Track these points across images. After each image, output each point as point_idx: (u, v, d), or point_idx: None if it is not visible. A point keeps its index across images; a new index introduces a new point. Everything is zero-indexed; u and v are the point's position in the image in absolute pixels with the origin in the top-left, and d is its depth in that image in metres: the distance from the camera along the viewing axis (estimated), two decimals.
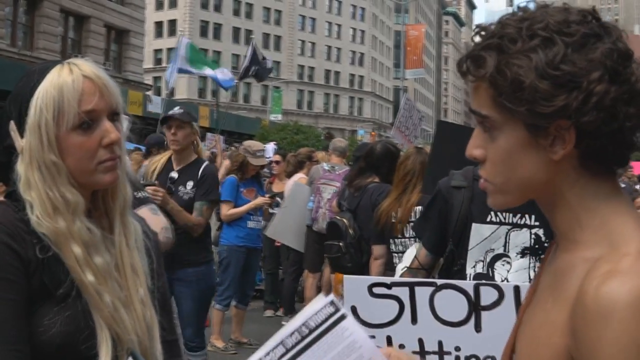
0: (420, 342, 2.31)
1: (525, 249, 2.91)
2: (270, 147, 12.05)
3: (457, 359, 2.31)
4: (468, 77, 1.13)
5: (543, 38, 1.06)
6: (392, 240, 4.39)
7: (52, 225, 1.43)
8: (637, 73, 1.08)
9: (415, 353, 2.29)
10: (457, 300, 2.32)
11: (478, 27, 1.15)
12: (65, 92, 1.44)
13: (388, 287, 2.34)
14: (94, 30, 29.83)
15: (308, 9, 78.11)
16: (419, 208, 4.22)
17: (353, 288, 2.37)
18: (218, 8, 68.83)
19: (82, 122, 1.44)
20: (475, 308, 2.32)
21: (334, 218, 5.44)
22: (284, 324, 1.28)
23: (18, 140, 1.46)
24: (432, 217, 3.10)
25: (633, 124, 1.08)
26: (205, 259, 5.00)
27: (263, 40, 69.97)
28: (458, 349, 2.31)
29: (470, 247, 2.94)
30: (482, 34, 1.13)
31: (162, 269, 1.69)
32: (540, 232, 2.89)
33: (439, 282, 2.40)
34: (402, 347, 2.28)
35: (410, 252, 3.42)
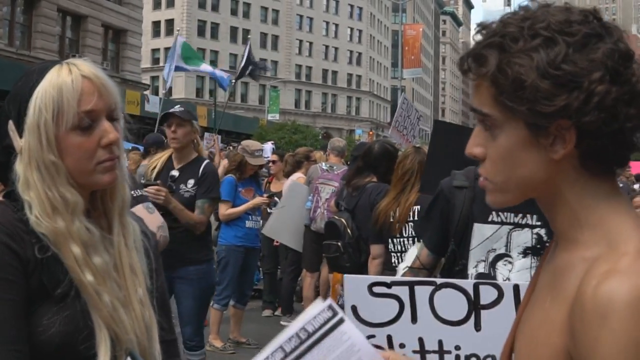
0: (421, 341, 2.31)
1: (527, 249, 2.91)
2: (268, 146, 12.05)
3: (457, 358, 2.31)
4: (469, 75, 1.13)
5: (545, 37, 1.07)
6: (390, 240, 4.38)
7: (51, 225, 1.42)
8: (637, 74, 1.08)
9: (416, 352, 2.29)
10: (456, 299, 2.32)
11: (480, 25, 1.15)
12: (65, 92, 1.44)
13: (388, 286, 2.34)
14: (92, 30, 29.84)
15: (305, 9, 78.09)
16: (417, 207, 4.23)
17: (353, 287, 2.36)
18: (215, 7, 68.75)
19: (81, 122, 1.44)
20: (475, 307, 2.31)
21: (332, 218, 5.43)
22: (283, 324, 1.28)
23: (17, 140, 1.46)
24: (433, 217, 3.10)
25: (633, 125, 1.08)
26: (207, 257, 5.00)
27: (260, 40, 70.02)
28: (458, 348, 2.31)
29: (472, 247, 2.94)
30: (483, 33, 1.13)
31: (160, 269, 1.69)
32: (542, 232, 2.89)
33: (439, 281, 2.40)
34: (402, 346, 2.28)
35: (412, 251, 3.41)
